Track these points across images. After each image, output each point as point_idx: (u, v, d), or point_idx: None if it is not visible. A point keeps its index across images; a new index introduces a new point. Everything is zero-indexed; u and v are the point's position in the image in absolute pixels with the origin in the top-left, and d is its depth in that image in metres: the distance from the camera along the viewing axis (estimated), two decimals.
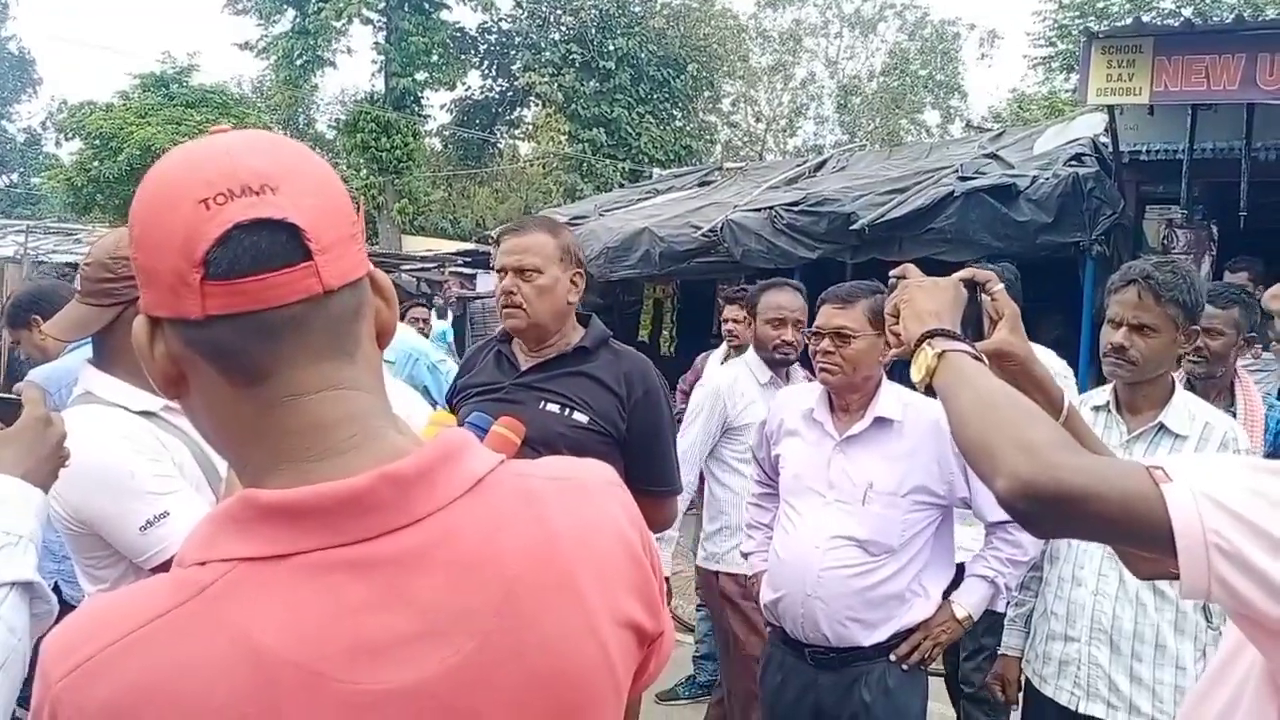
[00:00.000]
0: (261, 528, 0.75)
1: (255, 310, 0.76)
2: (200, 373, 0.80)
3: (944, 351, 1.35)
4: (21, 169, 35.49)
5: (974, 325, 1.53)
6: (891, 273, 1.61)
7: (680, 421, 5.23)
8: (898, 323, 1.49)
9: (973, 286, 1.55)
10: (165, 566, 1.73)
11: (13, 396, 1.44)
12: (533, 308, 2.48)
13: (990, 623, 3.12)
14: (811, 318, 2.93)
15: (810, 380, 3.20)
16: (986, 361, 1.38)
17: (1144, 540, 1.07)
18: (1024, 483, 1.08)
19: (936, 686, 3.30)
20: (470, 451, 0.84)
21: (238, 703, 0.71)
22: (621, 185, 18.78)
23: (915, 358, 1.39)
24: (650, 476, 2.54)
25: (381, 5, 22.53)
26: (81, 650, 0.73)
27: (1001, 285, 1.56)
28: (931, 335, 1.39)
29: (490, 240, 11.80)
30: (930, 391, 1.36)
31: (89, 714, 0.72)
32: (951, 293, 1.49)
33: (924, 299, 1.47)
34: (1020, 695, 2.76)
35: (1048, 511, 1.09)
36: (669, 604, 1.02)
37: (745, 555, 3.13)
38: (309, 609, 0.74)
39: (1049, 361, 3.61)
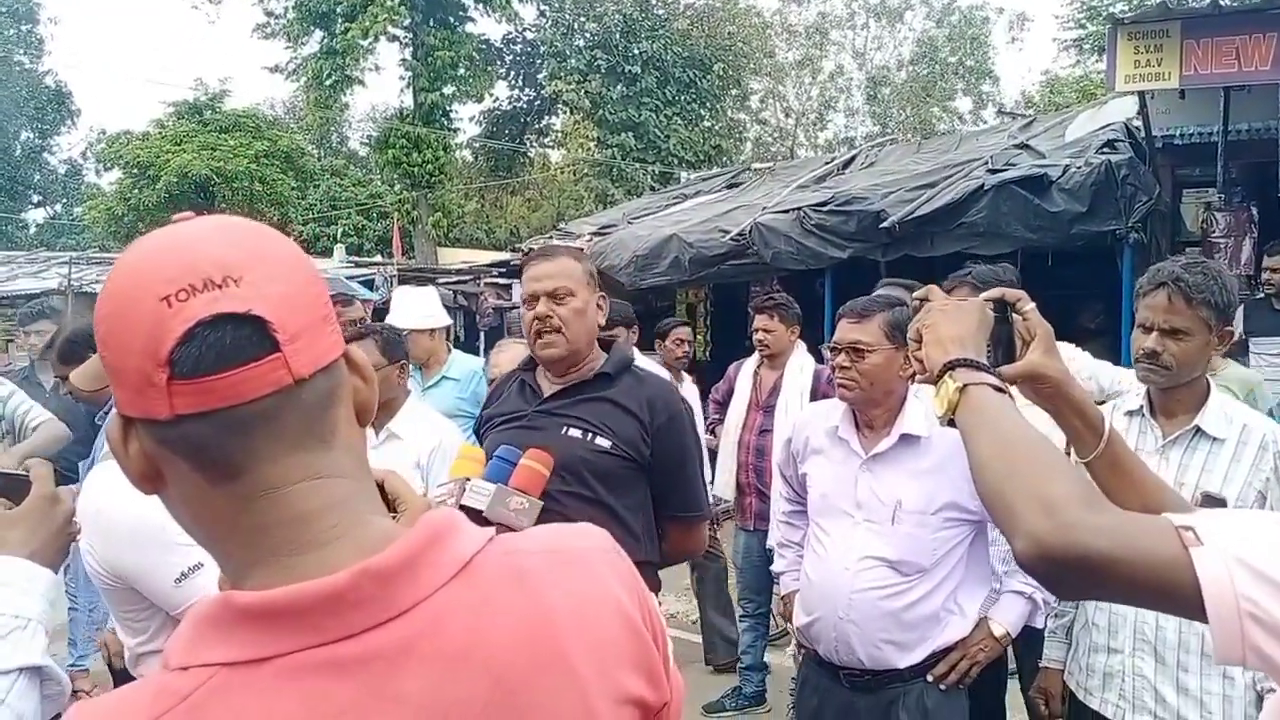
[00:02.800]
0: (241, 631, 0.74)
1: (225, 407, 0.75)
2: (175, 470, 0.78)
3: (966, 385, 1.29)
4: (64, 200, 36.11)
5: (1005, 346, 1.47)
6: (914, 294, 1.56)
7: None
8: (920, 348, 1.43)
9: (1003, 306, 1.49)
10: None
11: (20, 473, 1.43)
12: (571, 330, 2.46)
13: None
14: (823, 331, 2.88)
15: None
16: (1012, 393, 1.32)
17: (1173, 606, 1.01)
18: (1044, 545, 1.03)
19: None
20: (456, 534, 0.82)
21: None
22: (653, 189, 18.76)
23: (937, 389, 1.33)
24: (678, 502, 2.54)
25: (407, 22, 22.64)
26: None
27: (1033, 305, 1.50)
28: (954, 366, 1.32)
29: (524, 250, 11.82)
30: (953, 424, 1.30)
31: None
32: (976, 317, 1.42)
33: (946, 324, 1.40)
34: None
35: (1068, 576, 1.04)
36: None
37: (777, 576, 3.10)
38: (293, 715, 0.72)
39: (1119, 375, 3.48)
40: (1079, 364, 3.37)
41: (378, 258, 19.01)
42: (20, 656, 1.27)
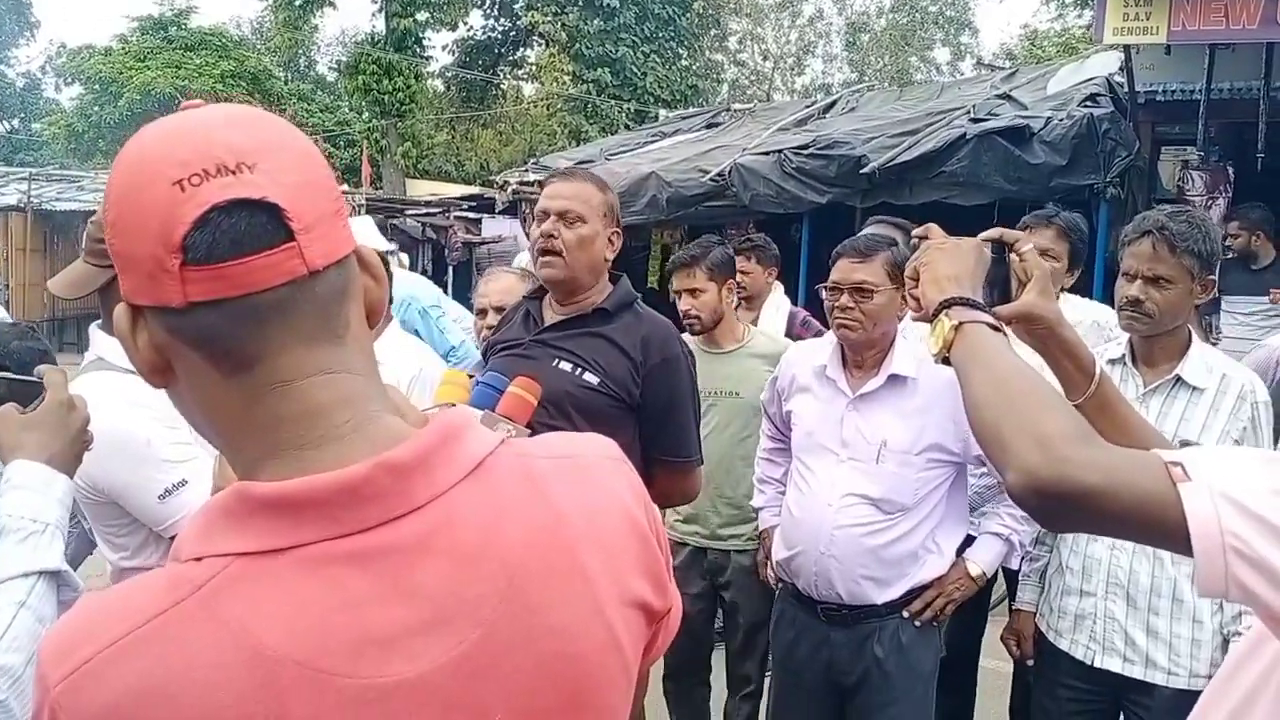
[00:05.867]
0: (257, 521, 0.73)
1: (239, 295, 0.73)
2: (186, 361, 0.77)
3: (961, 323, 1.30)
4: (22, 115, 35.14)
5: (1001, 287, 1.47)
6: (914, 231, 1.56)
7: None
8: (918, 286, 1.44)
9: (1001, 247, 1.49)
10: None
11: (34, 379, 1.43)
12: (571, 255, 2.42)
13: None
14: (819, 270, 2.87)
15: None
16: (1008, 332, 1.32)
17: (1159, 539, 1.04)
18: (1035, 478, 1.05)
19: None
20: (470, 433, 0.81)
21: (240, 703, 0.69)
22: (627, 127, 18.59)
23: (933, 328, 1.34)
24: (667, 446, 2.50)
25: None
26: (79, 653, 0.71)
27: (1031, 245, 1.50)
28: (950, 304, 1.33)
29: (496, 185, 11.67)
30: (947, 363, 1.31)
31: (89, 718, 0.70)
32: (974, 256, 1.42)
33: (944, 263, 1.41)
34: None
35: (1058, 508, 1.06)
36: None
37: (756, 510, 3.12)
38: (309, 604, 0.72)
39: (1100, 314, 3.53)
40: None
41: (345, 187, 18.74)
42: (39, 560, 1.27)
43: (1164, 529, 1.00)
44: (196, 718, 0.69)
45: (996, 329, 1.30)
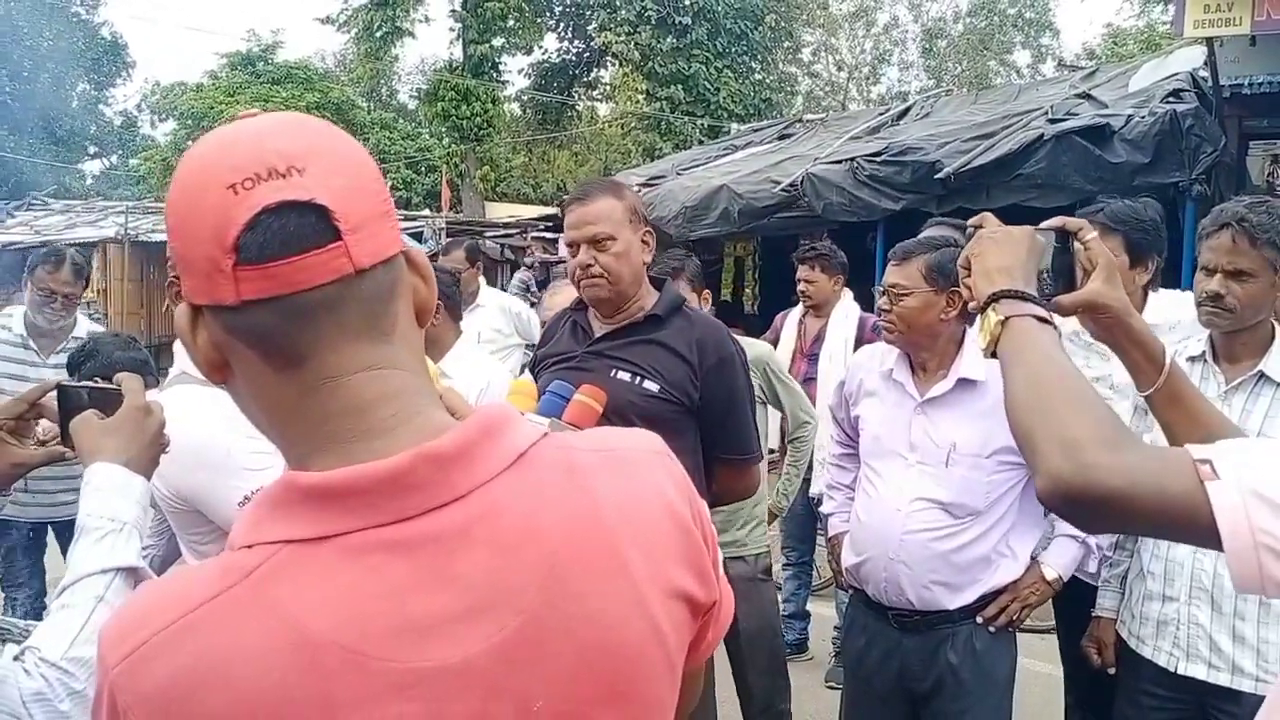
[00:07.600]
0: (303, 510, 0.76)
1: (289, 293, 0.76)
2: (242, 358, 0.80)
3: (1008, 318, 1.26)
4: (120, 151, 36.56)
5: (1066, 276, 1.43)
6: (969, 222, 1.53)
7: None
8: (970, 276, 1.40)
9: (1065, 236, 1.44)
10: None
11: (112, 387, 1.50)
12: (614, 275, 2.45)
13: None
14: None
15: None
16: (1057, 326, 1.28)
17: (1193, 538, 1.03)
18: (1061, 483, 1.05)
19: (1025, 641, 3.21)
20: (511, 426, 0.83)
21: (287, 684, 0.72)
22: (701, 142, 18.59)
23: (981, 321, 1.32)
24: (727, 444, 2.53)
25: None
26: (135, 636, 0.74)
27: (1095, 233, 1.45)
28: (998, 298, 1.30)
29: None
30: (996, 357, 1.28)
31: (145, 698, 0.73)
32: (1026, 245, 1.37)
33: (995, 254, 1.36)
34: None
35: (1086, 512, 1.07)
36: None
37: (825, 518, 3.10)
38: (352, 590, 0.74)
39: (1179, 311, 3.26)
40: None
41: (426, 211, 19.09)
42: (116, 557, 1.33)
43: (1195, 528, 0.99)
44: (246, 698, 0.72)
45: (1046, 321, 1.27)
